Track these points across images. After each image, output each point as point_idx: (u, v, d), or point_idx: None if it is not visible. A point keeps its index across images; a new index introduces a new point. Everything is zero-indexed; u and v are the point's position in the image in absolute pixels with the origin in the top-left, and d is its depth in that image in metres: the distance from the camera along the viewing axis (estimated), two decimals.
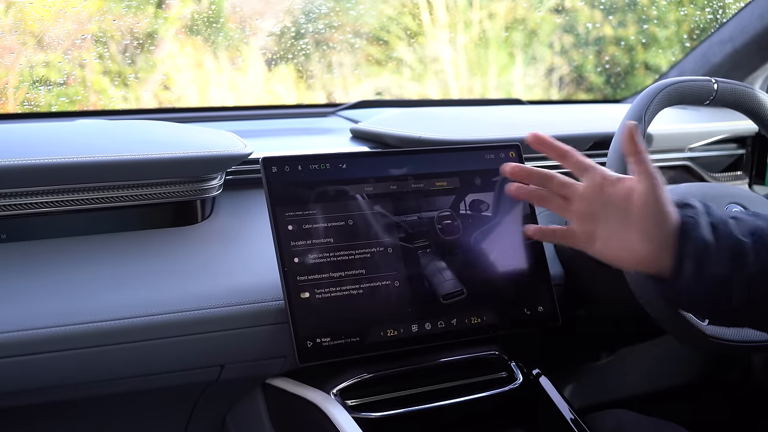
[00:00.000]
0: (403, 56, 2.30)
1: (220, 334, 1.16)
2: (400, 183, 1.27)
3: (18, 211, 1.14)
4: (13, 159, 1.11)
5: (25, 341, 1.05)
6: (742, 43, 1.82)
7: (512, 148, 1.37)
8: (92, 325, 1.09)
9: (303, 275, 1.17)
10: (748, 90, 1.36)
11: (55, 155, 1.14)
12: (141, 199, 1.22)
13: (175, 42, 1.90)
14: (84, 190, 1.18)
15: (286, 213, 1.19)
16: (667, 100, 1.29)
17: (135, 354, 1.12)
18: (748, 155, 1.88)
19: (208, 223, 1.28)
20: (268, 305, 1.18)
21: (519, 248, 1.32)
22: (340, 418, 1.15)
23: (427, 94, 2.40)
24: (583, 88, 2.56)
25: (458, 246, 1.27)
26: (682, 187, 1.39)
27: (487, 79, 2.47)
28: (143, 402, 1.27)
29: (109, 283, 1.14)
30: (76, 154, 1.16)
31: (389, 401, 1.22)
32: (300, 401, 1.21)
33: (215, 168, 1.26)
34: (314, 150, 1.40)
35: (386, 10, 2.24)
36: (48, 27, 1.67)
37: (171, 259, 1.20)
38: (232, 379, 1.22)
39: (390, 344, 1.21)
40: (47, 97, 1.71)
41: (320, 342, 1.16)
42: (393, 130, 1.47)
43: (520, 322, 1.29)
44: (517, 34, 2.51)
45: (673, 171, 1.78)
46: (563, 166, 1.05)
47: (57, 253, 1.16)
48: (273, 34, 2.03)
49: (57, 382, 1.11)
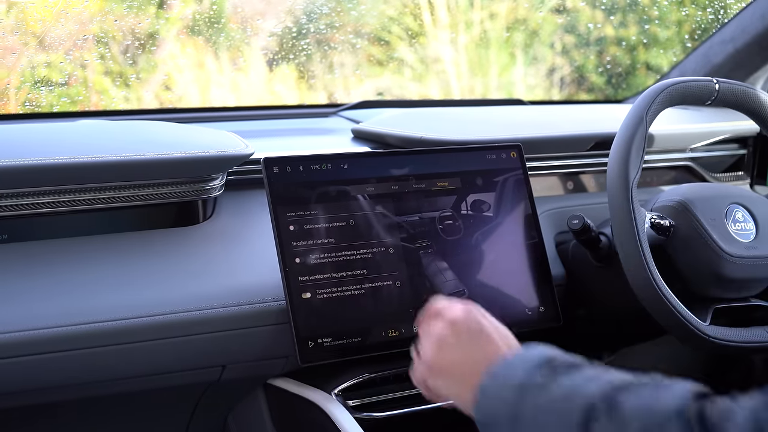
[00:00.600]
0: (404, 56, 2.30)
1: (222, 335, 1.16)
2: (401, 183, 1.27)
3: (20, 212, 1.14)
4: (15, 159, 1.11)
5: (28, 341, 1.05)
6: (743, 44, 1.82)
7: (513, 148, 1.37)
8: (94, 325, 1.09)
9: (304, 275, 1.17)
10: (749, 90, 1.36)
11: (56, 156, 1.14)
12: (142, 200, 1.22)
13: (177, 42, 1.90)
14: (85, 191, 1.18)
15: (288, 213, 1.19)
16: (669, 100, 1.29)
17: (137, 354, 1.12)
18: (750, 155, 1.88)
19: (210, 223, 1.28)
20: (269, 305, 1.18)
21: (520, 248, 1.32)
22: (341, 418, 1.15)
23: (428, 95, 2.40)
24: (584, 88, 2.56)
25: (460, 246, 1.27)
26: (683, 188, 1.39)
27: (489, 80, 2.47)
28: (145, 402, 1.27)
29: (110, 283, 1.14)
30: (78, 155, 1.16)
31: (390, 401, 1.22)
32: (301, 401, 1.21)
33: (217, 168, 1.26)
34: (315, 150, 1.40)
35: (387, 11, 2.24)
36: (49, 27, 1.67)
37: (172, 259, 1.20)
38: (234, 379, 1.23)
39: (391, 344, 1.21)
40: (49, 98, 1.71)
41: (321, 342, 1.17)
42: (394, 131, 1.47)
43: (522, 322, 1.29)
44: (518, 35, 2.51)
45: (675, 171, 1.78)
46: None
47: (59, 254, 1.16)
48: (274, 35, 2.03)
49: (59, 382, 1.11)
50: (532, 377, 0.80)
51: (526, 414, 0.78)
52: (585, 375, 0.78)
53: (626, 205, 1.21)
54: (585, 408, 0.74)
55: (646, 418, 0.70)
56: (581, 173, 1.66)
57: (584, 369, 0.80)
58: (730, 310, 1.33)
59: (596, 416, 0.73)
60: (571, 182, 1.65)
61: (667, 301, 1.21)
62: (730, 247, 1.31)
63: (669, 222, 1.31)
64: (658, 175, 1.77)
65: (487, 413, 0.82)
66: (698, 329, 1.22)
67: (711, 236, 1.30)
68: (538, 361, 0.81)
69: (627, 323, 1.49)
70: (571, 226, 1.34)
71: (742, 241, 1.33)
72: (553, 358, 0.82)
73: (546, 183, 1.61)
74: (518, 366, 0.82)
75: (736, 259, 1.30)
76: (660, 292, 1.20)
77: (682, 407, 0.70)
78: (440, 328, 0.92)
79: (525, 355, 0.84)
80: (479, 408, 0.83)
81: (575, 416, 0.74)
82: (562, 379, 0.78)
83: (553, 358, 0.82)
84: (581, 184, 1.66)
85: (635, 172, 1.23)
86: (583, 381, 0.77)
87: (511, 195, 1.34)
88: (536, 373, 0.80)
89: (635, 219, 1.21)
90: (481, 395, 0.83)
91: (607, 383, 0.75)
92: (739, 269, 1.30)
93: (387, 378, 1.23)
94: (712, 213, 1.33)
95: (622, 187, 1.22)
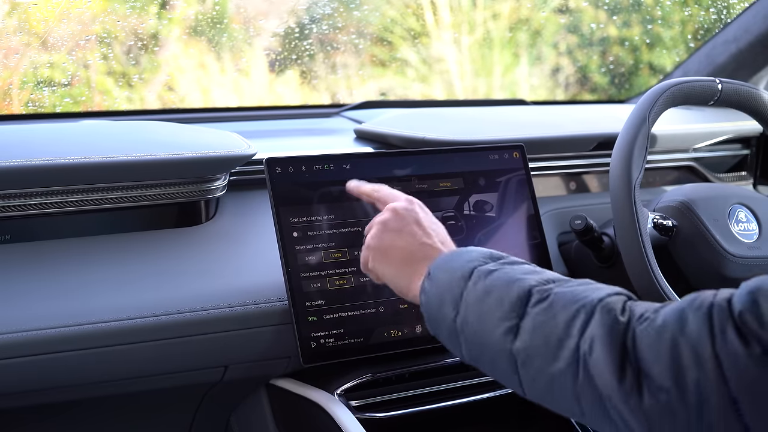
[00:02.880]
0: (407, 57, 2.30)
1: (225, 335, 1.16)
2: (404, 183, 1.27)
3: (23, 212, 1.15)
4: (17, 160, 1.11)
5: (30, 342, 1.05)
6: (746, 44, 1.82)
7: (516, 148, 1.37)
8: (96, 325, 1.09)
9: (307, 275, 1.17)
10: (752, 90, 1.36)
11: (59, 156, 1.14)
12: (145, 200, 1.22)
13: (179, 43, 1.90)
14: (88, 191, 1.18)
15: (290, 213, 1.19)
16: (672, 100, 1.29)
17: (139, 354, 1.12)
18: (753, 156, 1.88)
19: (212, 223, 1.28)
20: (272, 306, 1.18)
21: (523, 248, 1.32)
22: (344, 418, 1.15)
23: (431, 95, 2.40)
24: (587, 88, 2.56)
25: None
26: (686, 188, 1.39)
27: (492, 80, 2.47)
28: (147, 402, 1.27)
29: (113, 283, 1.14)
30: (81, 155, 1.16)
31: (393, 402, 1.22)
32: (304, 402, 1.21)
33: (219, 169, 1.26)
34: (318, 150, 1.40)
35: (390, 11, 2.24)
36: (52, 28, 1.67)
37: (175, 259, 1.20)
38: (236, 379, 1.23)
39: (394, 345, 1.21)
40: (51, 98, 1.72)
41: (324, 342, 1.17)
42: (397, 131, 1.47)
43: None
44: (521, 35, 2.51)
45: (678, 171, 1.78)
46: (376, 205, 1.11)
47: (61, 254, 1.16)
48: (277, 35, 2.03)
49: (62, 382, 1.11)
50: (480, 264, 0.89)
51: (469, 297, 0.87)
52: (525, 269, 0.88)
53: (629, 206, 1.21)
54: (522, 293, 0.83)
55: (574, 303, 0.79)
56: (584, 173, 1.66)
57: (524, 264, 0.90)
58: None
59: (531, 301, 0.82)
60: (573, 182, 1.65)
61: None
62: (733, 248, 1.30)
63: (672, 222, 1.31)
64: (661, 176, 1.77)
65: (434, 296, 0.91)
66: None
67: (714, 236, 1.30)
68: (482, 253, 0.92)
69: None
70: (574, 226, 1.34)
71: (745, 242, 1.33)
72: (494, 253, 0.92)
73: (549, 183, 1.61)
74: (464, 256, 0.92)
75: (739, 259, 1.30)
76: (663, 293, 1.20)
77: (607, 299, 0.78)
78: (384, 216, 1.03)
79: (469, 250, 0.94)
80: (426, 292, 0.92)
81: (513, 298, 0.83)
82: (505, 268, 0.88)
83: (494, 252, 0.92)
84: (584, 185, 1.66)
85: (638, 173, 1.23)
86: (522, 273, 0.86)
87: (514, 195, 1.34)
88: (483, 260, 0.90)
89: (638, 219, 1.21)
90: (428, 281, 0.92)
91: (544, 277, 0.85)
92: (742, 269, 1.30)
93: (389, 378, 1.23)
94: (715, 213, 1.33)
95: (624, 188, 1.22)
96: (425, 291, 0.93)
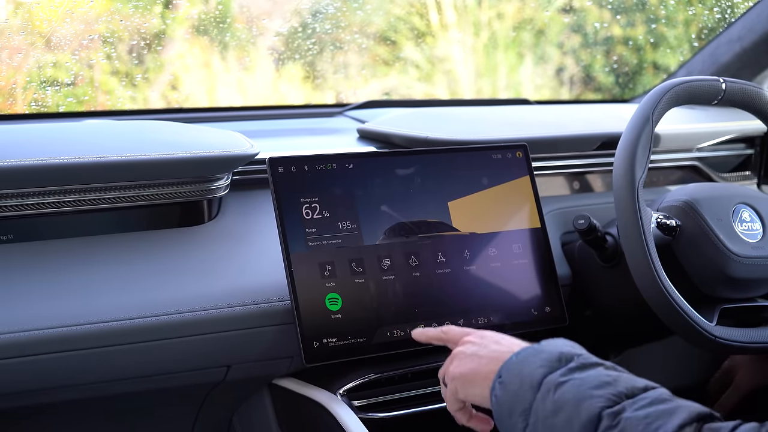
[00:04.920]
0: (410, 56, 2.29)
1: (227, 335, 1.16)
2: (406, 183, 1.27)
3: (25, 212, 1.15)
4: (21, 159, 1.11)
5: (32, 341, 1.05)
6: (750, 43, 1.81)
7: (519, 148, 1.36)
8: (99, 325, 1.09)
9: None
10: (756, 90, 1.35)
11: (62, 155, 1.14)
12: (148, 200, 1.22)
13: (183, 42, 1.91)
14: (91, 191, 1.18)
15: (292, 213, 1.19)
16: (675, 99, 1.28)
17: (141, 354, 1.12)
18: (757, 155, 1.87)
19: (215, 223, 1.28)
20: (274, 305, 1.18)
21: (526, 248, 1.32)
22: (346, 418, 1.15)
23: (434, 94, 2.40)
24: (591, 87, 2.56)
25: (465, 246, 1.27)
26: (690, 188, 1.39)
27: (496, 79, 2.47)
28: (150, 402, 1.27)
29: (115, 283, 1.14)
30: (84, 155, 1.16)
31: (396, 402, 1.22)
32: (306, 401, 1.21)
33: (222, 168, 1.26)
34: (321, 150, 1.40)
35: (394, 10, 2.24)
36: (56, 27, 1.67)
37: (177, 259, 1.20)
38: (239, 379, 1.23)
39: (396, 345, 1.21)
40: (55, 98, 1.72)
41: (326, 342, 1.16)
42: (400, 131, 1.47)
43: (528, 323, 1.28)
44: (525, 34, 2.51)
45: (681, 171, 1.77)
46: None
47: (64, 254, 1.16)
48: (280, 34, 2.03)
49: (63, 382, 1.11)
50: (549, 371, 0.86)
51: (539, 411, 0.83)
52: (595, 380, 0.83)
53: (632, 205, 1.21)
54: (592, 416, 0.79)
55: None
56: (587, 173, 1.66)
57: (595, 366, 0.85)
58: (736, 311, 1.33)
59: (600, 427, 0.79)
60: (577, 182, 1.64)
61: (674, 302, 1.20)
62: (736, 247, 1.30)
63: (675, 222, 1.31)
64: (665, 175, 1.76)
65: (505, 403, 0.88)
66: (705, 329, 1.22)
67: (718, 236, 1.30)
68: (551, 356, 0.88)
69: (633, 323, 1.48)
70: (577, 226, 1.33)
71: (749, 241, 1.32)
72: (563, 353, 0.88)
73: (552, 183, 1.61)
74: (534, 361, 0.88)
75: (743, 259, 1.30)
76: (666, 293, 1.20)
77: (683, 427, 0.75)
78: (461, 348, 1.00)
79: (539, 349, 0.90)
80: (497, 397, 0.89)
81: (583, 421, 0.80)
82: (574, 378, 0.84)
83: (564, 352, 0.88)
84: (587, 184, 1.66)
85: (641, 172, 1.23)
86: (592, 388, 0.82)
87: (517, 195, 1.34)
88: (552, 365, 0.86)
89: (641, 219, 1.21)
90: (499, 385, 0.89)
91: (615, 391, 0.81)
92: (746, 269, 1.30)
93: (392, 378, 1.23)
94: (718, 213, 1.32)
95: (628, 187, 1.22)
96: (496, 395, 0.90)
